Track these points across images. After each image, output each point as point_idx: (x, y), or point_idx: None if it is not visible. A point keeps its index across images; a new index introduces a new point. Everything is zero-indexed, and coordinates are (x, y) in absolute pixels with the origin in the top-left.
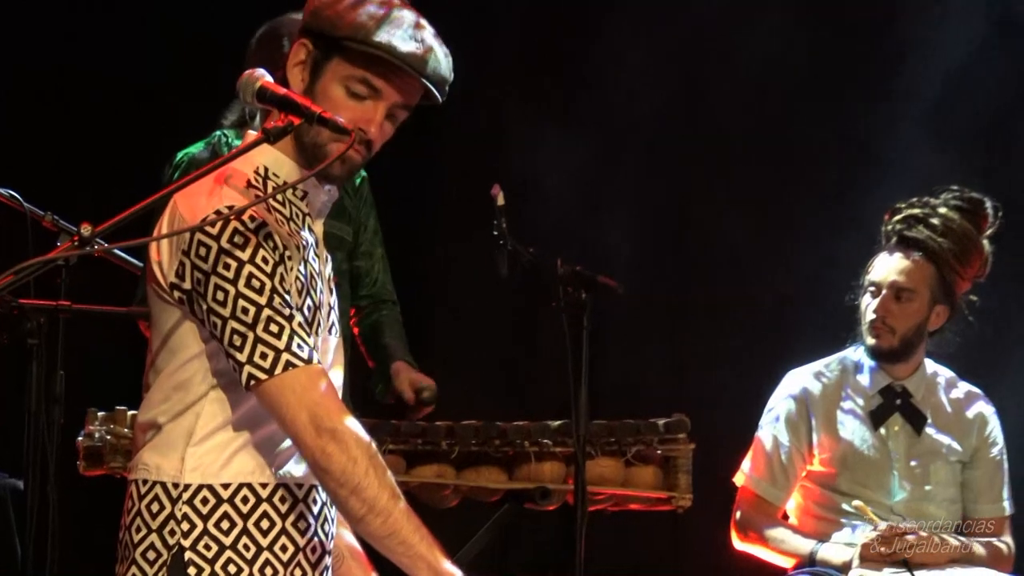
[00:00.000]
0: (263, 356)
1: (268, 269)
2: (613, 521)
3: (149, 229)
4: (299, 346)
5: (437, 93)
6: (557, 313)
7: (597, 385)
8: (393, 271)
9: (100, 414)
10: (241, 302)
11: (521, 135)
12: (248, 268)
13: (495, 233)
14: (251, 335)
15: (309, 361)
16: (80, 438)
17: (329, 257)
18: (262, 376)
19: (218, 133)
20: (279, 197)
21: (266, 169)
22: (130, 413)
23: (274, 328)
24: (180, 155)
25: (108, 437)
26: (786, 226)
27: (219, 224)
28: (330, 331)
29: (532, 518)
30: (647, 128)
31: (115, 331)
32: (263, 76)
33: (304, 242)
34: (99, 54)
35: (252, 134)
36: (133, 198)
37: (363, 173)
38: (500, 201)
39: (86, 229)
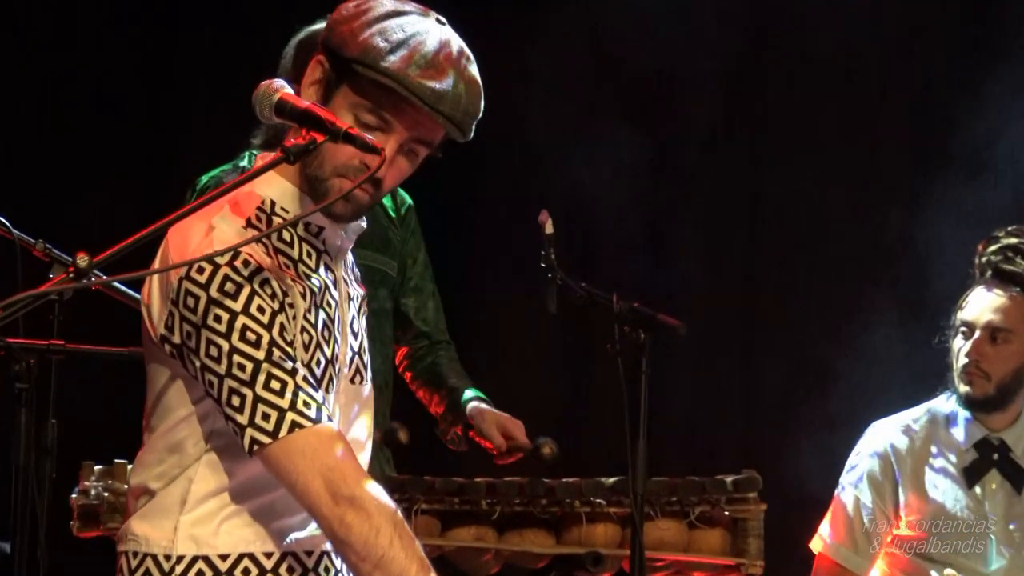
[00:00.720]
0: (265, 417)
1: (265, 320)
2: None
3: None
4: (305, 404)
5: (458, 130)
6: (613, 356)
7: (657, 437)
8: None
9: (97, 468)
10: (237, 358)
11: (571, 158)
12: (242, 320)
13: (543, 265)
14: (250, 394)
15: (318, 420)
16: (74, 495)
17: (358, 296)
18: (266, 440)
19: (247, 153)
20: (286, 235)
21: (272, 203)
22: (130, 467)
23: (275, 385)
24: (205, 178)
25: (105, 494)
26: (869, 262)
27: (208, 270)
28: (355, 379)
29: None
30: (712, 151)
31: (114, 374)
32: (282, 87)
33: (316, 286)
34: (97, 66)
35: (262, 155)
36: (137, 224)
37: (408, 200)
38: (548, 229)
39: (83, 259)
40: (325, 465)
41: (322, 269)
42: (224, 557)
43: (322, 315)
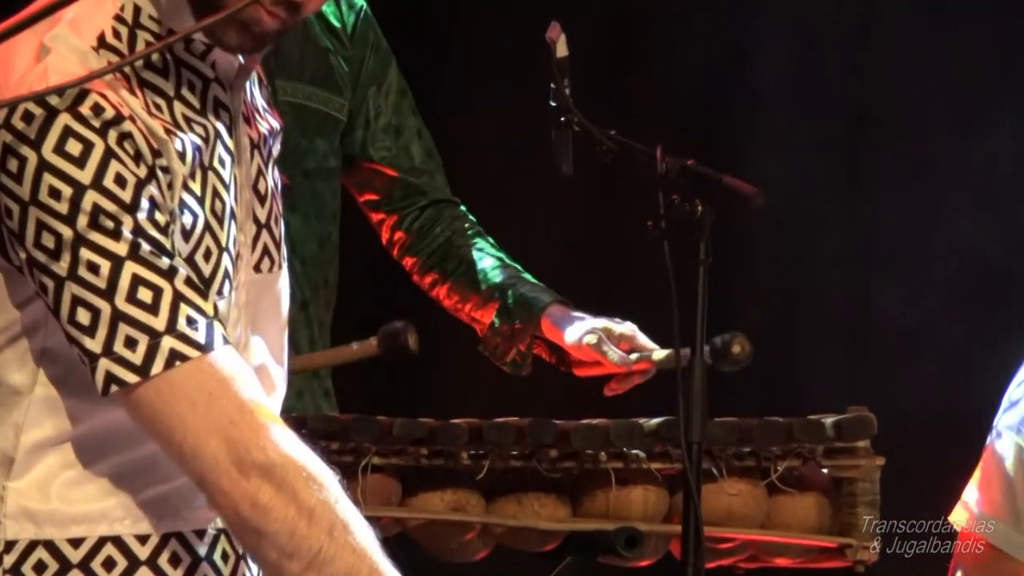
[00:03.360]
0: (130, 343)
1: (127, 195)
2: None
3: None
4: (190, 322)
5: None
6: (656, 237)
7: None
8: None
9: None
10: (85, 253)
11: None
12: (92, 196)
13: (553, 104)
14: (107, 308)
15: (209, 345)
16: None
17: (267, 135)
18: (131, 378)
19: None
20: (156, 59)
21: (137, 10)
22: None
23: (145, 294)
24: None
25: None
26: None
27: (39, 117)
28: (261, 266)
29: None
30: None
31: None
32: None
33: (201, 136)
34: None
35: None
36: None
37: (360, 2)
38: (561, 51)
39: None
40: (225, 417)
41: (210, 108)
42: (76, 542)
43: (211, 179)
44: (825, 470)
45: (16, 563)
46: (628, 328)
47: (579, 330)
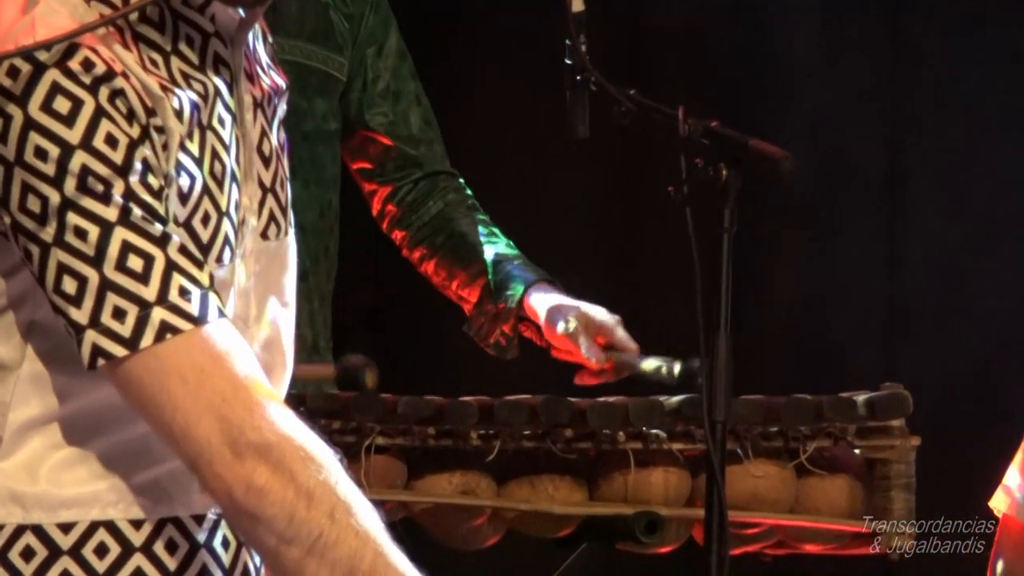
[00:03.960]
0: (118, 314)
1: (118, 157)
2: (775, 572)
3: None
4: (183, 292)
5: None
6: (677, 204)
7: (748, 333)
8: None
9: None
10: (73, 217)
11: None
12: (81, 157)
13: (568, 63)
14: (94, 276)
15: (202, 317)
16: None
17: (272, 95)
18: (119, 351)
19: None
20: (152, 12)
21: None
22: None
23: (135, 262)
24: None
25: None
26: None
27: (25, 73)
28: (268, 233)
29: (630, 567)
30: None
31: None
32: None
33: (200, 94)
34: None
35: None
36: None
37: None
38: (577, 5)
39: None
40: (218, 394)
41: (209, 64)
42: (66, 527)
43: (210, 139)
44: (857, 451)
45: (2, 549)
46: (609, 320)
47: (558, 314)
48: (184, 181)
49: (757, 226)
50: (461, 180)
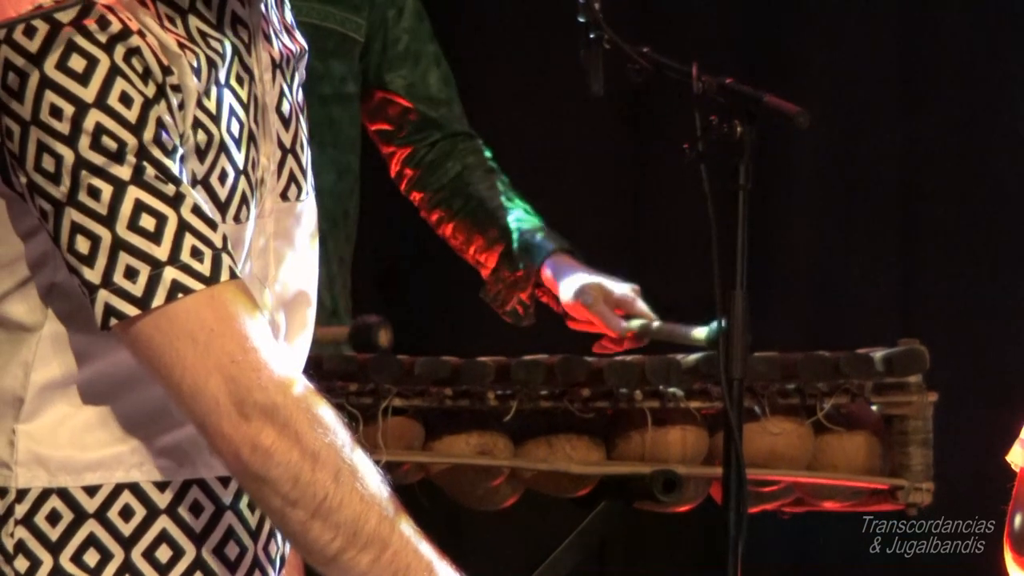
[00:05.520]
0: (130, 274)
1: (132, 115)
2: (793, 528)
3: None
4: (195, 252)
5: None
6: (692, 161)
7: (764, 291)
8: None
9: None
10: (86, 176)
11: None
12: (95, 115)
13: (581, 20)
14: (107, 236)
15: (214, 278)
16: None
17: (291, 57)
18: (130, 310)
19: None
20: None
21: None
22: None
23: (148, 222)
24: None
25: None
26: None
27: (41, 32)
28: (288, 193)
29: (648, 526)
30: None
31: None
32: None
33: (218, 52)
34: None
35: None
36: None
37: None
38: None
39: None
40: (226, 354)
41: (227, 23)
42: (92, 490)
43: (227, 97)
44: (875, 407)
45: (28, 513)
46: (628, 292)
47: (575, 284)
48: (201, 137)
49: (774, 183)
50: (480, 141)
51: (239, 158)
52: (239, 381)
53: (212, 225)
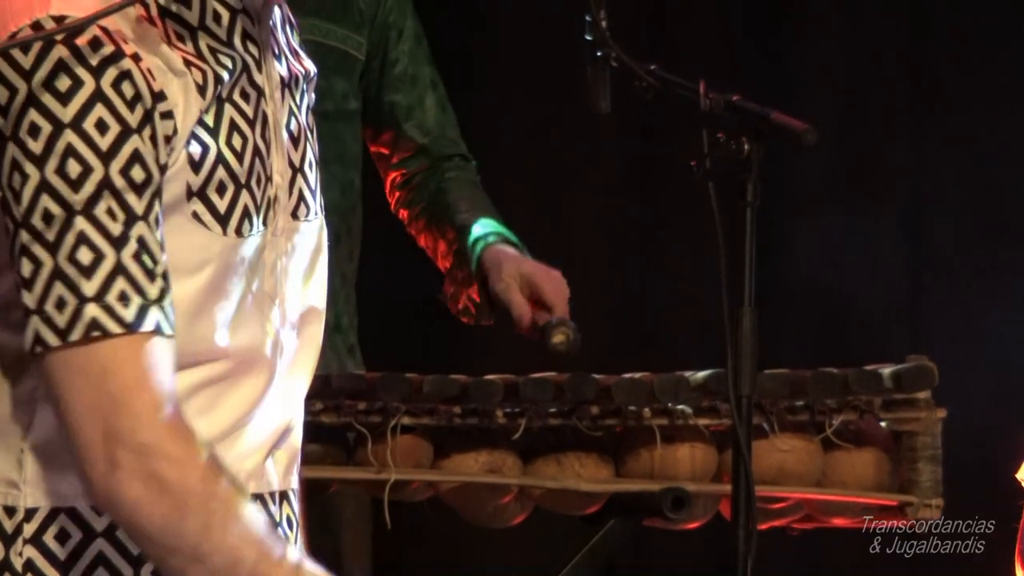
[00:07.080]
0: (60, 304)
1: (104, 142)
2: (801, 546)
3: None
4: (122, 297)
5: None
6: (700, 179)
7: (773, 309)
8: None
9: None
10: (44, 200)
11: None
12: (68, 137)
13: (588, 38)
14: (49, 262)
15: (134, 326)
16: None
17: (300, 77)
18: (51, 339)
19: None
20: None
21: None
22: None
23: (85, 256)
24: None
25: None
26: None
27: (35, 49)
28: (298, 212)
29: (658, 543)
30: None
31: None
32: None
33: (227, 69)
34: None
35: None
36: None
37: None
38: None
39: None
40: (109, 396)
41: (238, 40)
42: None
43: (228, 111)
44: (883, 423)
45: (37, 532)
46: (545, 277)
47: (497, 271)
48: (195, 149)
49: (781, 199)
50: (473, 164)
51: (240, 171)
52: (117, 428)
53: (151, 276)
